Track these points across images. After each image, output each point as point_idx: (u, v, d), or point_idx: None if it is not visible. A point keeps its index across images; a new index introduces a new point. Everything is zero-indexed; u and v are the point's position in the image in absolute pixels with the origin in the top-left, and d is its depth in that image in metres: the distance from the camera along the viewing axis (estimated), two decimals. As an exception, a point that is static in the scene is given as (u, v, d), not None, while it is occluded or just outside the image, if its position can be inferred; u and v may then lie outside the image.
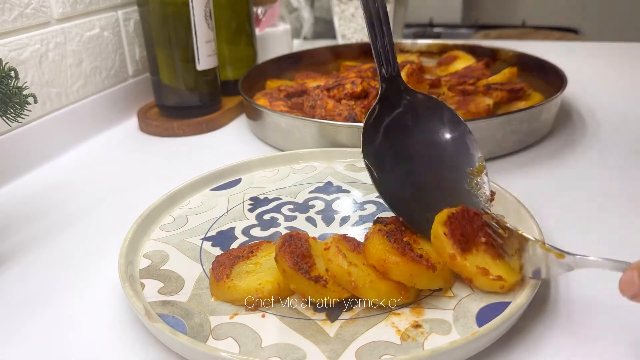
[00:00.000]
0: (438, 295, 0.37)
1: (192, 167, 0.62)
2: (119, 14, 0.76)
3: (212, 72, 0.73)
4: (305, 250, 0.37)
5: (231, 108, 0.77)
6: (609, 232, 0.45)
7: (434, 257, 0.36)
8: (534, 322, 0.35)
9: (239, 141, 0.70)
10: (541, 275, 0.35)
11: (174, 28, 0.68)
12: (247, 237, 0.45)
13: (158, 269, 0.41)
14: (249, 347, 0.33)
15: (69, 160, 0.66)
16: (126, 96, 0.79)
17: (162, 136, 0.72)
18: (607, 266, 0.32)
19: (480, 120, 0.57)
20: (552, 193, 0.52)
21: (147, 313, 0.34)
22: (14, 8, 0.59)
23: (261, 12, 0.94)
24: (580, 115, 0.72)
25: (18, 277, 0.43)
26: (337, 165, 0.57)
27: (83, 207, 0.54)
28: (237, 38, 0.82)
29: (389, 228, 0.38)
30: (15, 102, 0.42)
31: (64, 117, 0.67)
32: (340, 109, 0.63)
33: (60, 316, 0.38)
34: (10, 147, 0.59)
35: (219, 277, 0.37)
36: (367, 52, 0.94)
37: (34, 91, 0.59)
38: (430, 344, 0.32)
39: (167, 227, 0.47)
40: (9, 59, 0.59)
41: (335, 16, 1.10)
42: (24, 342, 0.36)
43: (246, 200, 0.51)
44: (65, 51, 0.67)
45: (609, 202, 0.50)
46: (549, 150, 0.62)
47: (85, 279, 0.42)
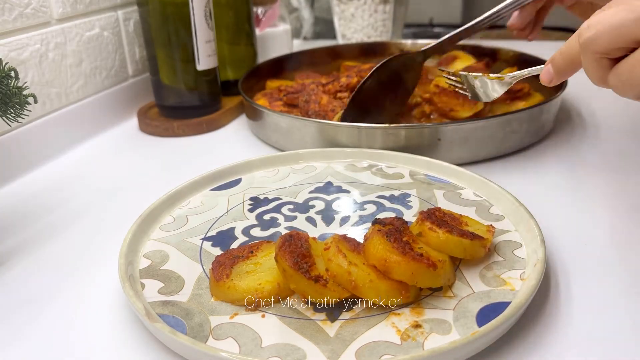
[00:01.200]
0: (438, 295, 0.37)
1: (192, 167, 0.62)
2: (119, 14, 0.77)
3: (212, 72, 0.73)
4: (305, 250, 0.37)
5: (231, 108, 0.77)
6: (609, 231, 0.45)
7: (434, 255, 0.36)
8: (534, 322, 0.35)
9: (239, 141, 0.70)
10: (490, 97, 0.53)
11: (174, 28, 0.68)
12: (247, 237, 0.45)
13: (158, 269, 0.41)
14: (249, 347, 0.33)
15: (69, 160, 0.66)
16: (126, 96, 0.79)
17: (162, 136, 0.72)
18: (534, 71, 0.46)
19: (480, 120, 0.57)
20: (552, 193, 0.52)
21: (147, 313, 0.34)
22: (14, 8, 0.59)
23: (261, 12, 0.94)
24: (580, 115, 0.72)
25: (18, 277, 0.43)
26: (337, 165, 0.57)
27: (83, 207, 0.54)
28: (237, 38, 0.82)
29: (388, 228, 0.38)
30: (15, 102, 0.42)
31: (64, 117, 0.67)
32: (333, 105, 0.64)
33: (60, 316, 0.38)
34: (10, 147, 0.59)
35: (218, 277, 0.37)
36: (367, 52, 0.94)
37: (34, 91, 0.59)
38: (430, 344, 0.32)
39: (167, 227, 0.47)
40: (9, 59, 0.59)
41: (335, 16, 1.10)
42: (24, 341, 0.36)
43: (246, 200, 0.51)
44: (65, 51, 0.67)
45: (609, 201, 0.50)
46: (548, 150, 0.62)
47: (85, 279, 0.43)
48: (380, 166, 0.56)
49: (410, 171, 0.55)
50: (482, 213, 0.46)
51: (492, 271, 0.39)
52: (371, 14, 1.05)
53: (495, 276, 0.38)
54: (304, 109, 0.66)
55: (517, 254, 0.40)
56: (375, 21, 1.06)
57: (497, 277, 0.38)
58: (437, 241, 0.38)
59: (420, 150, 0.57)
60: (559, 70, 0.40)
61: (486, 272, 0.39)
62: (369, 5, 1.04)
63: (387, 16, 1.06)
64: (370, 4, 1.04)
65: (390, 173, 0.55)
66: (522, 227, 0.43)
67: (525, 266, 0.39)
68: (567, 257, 0.42)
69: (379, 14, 1.05)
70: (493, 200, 0.48)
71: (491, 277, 0.38)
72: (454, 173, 0.52)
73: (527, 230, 0.42)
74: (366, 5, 1.04)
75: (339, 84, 0.68)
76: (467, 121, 0.57)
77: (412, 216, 0.47)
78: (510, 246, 0.41)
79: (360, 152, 0.57)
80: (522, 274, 0.38)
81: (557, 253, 0.42)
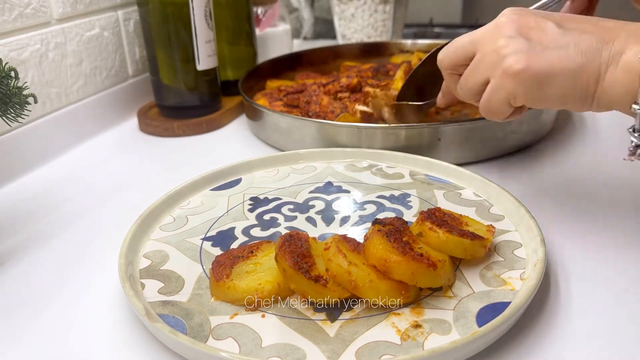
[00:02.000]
0: (438, 295, 0.37)
1: (192, 167, 0.62)
2: (119, 14, 0.76)
3: (212, 72, 0.73)
4: (305, 250, 0.37)
5: (231, 108, 0.77)
6: (609, 231, 0.45)
7: (434, 255, 0.36)
8: (534, 322, 0.35)
9: (239, 141, 0.70)
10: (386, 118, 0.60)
11: (174, 28, 0.68)
12: (247, 237, 0.45)
13: (158, 269, 0.41)
14: (249, 347, 0.33)
15: (69, 160, 0.66)
16: (126, 96, 0.79)
17: (162, 136, 0.72)
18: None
19: (480, 120, 0.57)
20: (552, 193, 0.52)
21: (147, 313, 0.34)
22: (14, 8, 0.59)
23: (261, 12, 0.94)
24: (580, 115, 0.72)
25: (18, 277, 0.43)
26: (337, 165, 0.57)
27: (83, 207, 0.54)
28: (237, 38, 0.82)
29: (388, 228, 0.38)
30: (15, 102, 0.42)
31: (64, 117, 0.67)
32: (334, 106, 0.64)
33: (60, 316, 0.38)
34: (10, 147, 0.59)
35: (218, 277, 0.37)
36: (367, 52, 0.94)
37: (34, 91, 0.59)
38: (430, 344, 0.32)
39: (167, 227, 0.47)
40: (9, 59, 0.59)
41: (335, 16, 1.10)
42: (24, 341, 0.36)
43: (246, 200, 0.51)
44: (65, 51, 0.67)
45: (609, 201, 0.50)
46: (549, 150, 0.62)
47: (85, 279, 0.42)
48: (380, 166, 0.56)
49: (410, 171, 0.55)
50: (482, 213, 0.46)
51: (492, 271, 0.39)
52: (371, 14, 1.05)
53: (495, 276, 0.38)
54: (304, 110, 0.66)
55: (517, 254, 0.40)
56: (375, 21, 1.06)
57: (497, 277, 0.38)
58: (437, 241, 0.38)
59: (420, 150, 0.57)
60: (443, 92, 0.51)
61: (486, 272, 0.39)
62: (369, 5, 1.04)
63: (387, 16, 1.06)
64: (370, 4, 1.04)
65: (390, 173, 0.55)
66: (522, 227, 0.43)
67: (525, 266, 0.39)
68: (567, 257, 0.42)
69: (379, 14, 1.05)
70: (493, 200, 0.48)
71: (491, 277, 0.38)
72: (454, 173, 0.52)
73: (527, 230, 0.42)
74: (366, 5, 1.04)
75: (340, 84, 0.68)
76: (467, 121, 0.57)
77: (412, 216, 0.47)
78: (510, 246, 0.41)
79: (360, 152, 0.57)
80: (522, 274, 0.38)
81: (557, 253, 0.42)
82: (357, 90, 0.69)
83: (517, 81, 0.37)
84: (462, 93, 0.43)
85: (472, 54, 0.40)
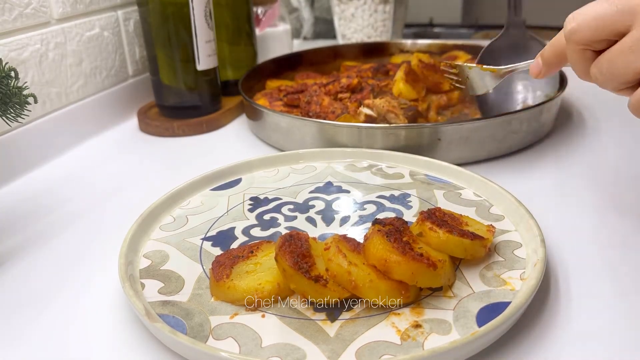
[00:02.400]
0: (438, 295, 0.37)
1: (192, 167, 0.62)
2: (119, 14, 0.76)
3: (212, 72, 0.73)
4: (305, 250, 0.37)
5: (231, 108, 0.77)
6: (609, 231, 0.45)
7: (434, 255, 0.36)
8: (534, 322, 0.35)
9: (239, 141, 0.70)
10: (485, 89, 0.52)
11: (174, 28, 0.68)
12: (247, 237, 0.45)
13: (158, 269, 0.41)
14: (249, 347, 0.33)
15: (69, 160, 0.66)
16: (126, 96, 0.79)
17: (162, 136, 0.72)
18: (523, 66, 0.46)
19: (480, 120, 0.57)
20: (552, 193, 0.52)
21: (147, 313, 0.34)
22: (14, 8, 0.59)
23: (261, 12, 0.94)
24: (580, 115, 0.72)
25: (18, 277, 0.43)
26: (337, 165, 0.57)
27: (83, 207, 0.54)
28: (237, 38, 0.82)
29: (388, 228, 0.38)
30: (15, 102, 0.42)
31: (64, 117, 0.67)
32: (334, 107, 0.64)
33: (60, 316, 0.38)
34: (10, 147, 0.59)
35: (218, 277, 0.37)
36: (367, 52, 0.94)
37: (34, 91, 0.59)
38: (430, 344, 0.32)
39: (167, 227, 0.47)
40: (9, 59, 0.59)
41: (335, 16, 1.10)
42: (24, 341, 0.36)
43: (246, 200, 0.51)
44: (65, 51, 0.67)
45: (609, 201, 0.50)
46: (549, 150, 0.62)
47: (85, 279, 0.42)
48: (380, 166, 0.56)
49: (410, 171, 0.55)
50: (482, 213, 0.46)
51: (492, 271, 0.39)
52: (371, 14, 1.05)
53: (496, 276, 0.38)
54: (305, 110, 0.66)
55: (517, 253, 0.40)
56: (375, 21, 1.06)
57: (497, 277, 0.38)
58: (437, 241, 0.38)
59: (420, 150, 0.57)
60: (547, 63, 0.40)
61: (486, 272, 0.39)
62: (369, 5, 1.04)
63: (387, 16, 1.06)
64: (370, 4, 1.04)
65: (390, 173, 0.55)
66: (522, 227, 0.43)
67: (525, 266, 0.39)
68: (567, 257, 0.42)
69: (379, 14, 1.05)
70: (493, 200, 0.48)
71: (491, 277, 0.38)
72: (454, 173, 0.52)
73: (527, 230, 0.42)
74: (366, 5, 1.04)
75: (340, 84, 0.68)
76: (467, 121, 0.57)
77: (412, 216, 0.47)
78: (510, 246, 0.41)
79: (360, 152, 0.57)
80: (522, 273, 0.38)
81: (557, 253, 0.42)
82: (358, 90, 0.69)
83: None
84: (602, 78, 0.34)
85: (625, 29, 0.32)
